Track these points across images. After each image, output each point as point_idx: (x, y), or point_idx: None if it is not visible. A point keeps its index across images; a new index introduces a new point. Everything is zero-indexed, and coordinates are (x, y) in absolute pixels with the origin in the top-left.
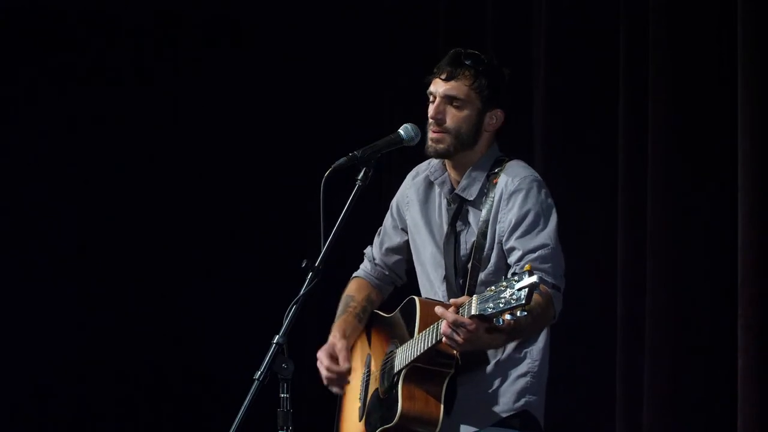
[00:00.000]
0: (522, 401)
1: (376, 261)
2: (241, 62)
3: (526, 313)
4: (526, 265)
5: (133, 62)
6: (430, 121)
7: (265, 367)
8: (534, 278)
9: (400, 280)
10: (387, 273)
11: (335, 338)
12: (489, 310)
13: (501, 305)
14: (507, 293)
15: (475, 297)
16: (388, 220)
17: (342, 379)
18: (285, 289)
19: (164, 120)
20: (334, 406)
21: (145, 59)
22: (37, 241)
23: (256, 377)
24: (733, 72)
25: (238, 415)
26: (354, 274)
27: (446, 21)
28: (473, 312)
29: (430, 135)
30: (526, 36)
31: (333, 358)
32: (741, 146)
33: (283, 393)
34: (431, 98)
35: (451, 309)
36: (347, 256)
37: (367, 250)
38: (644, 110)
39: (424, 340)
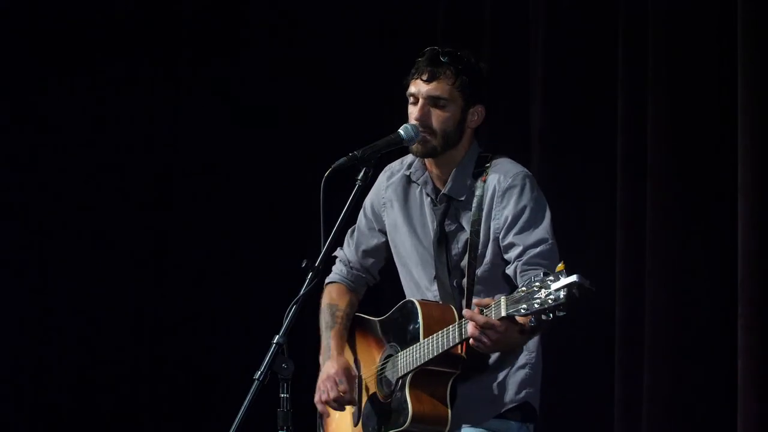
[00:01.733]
0: (523, 393)
1: (352, 264)
2: (241, 62)
3: (564, 312)
4: (560, 264)
5: (134, 62)
6: (415, 123)
7: (265, 367)
8: (573, 278)
9: (374, 280)
10: (363, 275)
11: (339, 359)
12: (522, 311)
13: (536, 306)
14: (542, 293)
15: (504, 298)
16: (362, 222)
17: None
18: (285, 289)
19: (164, 120)
20: None
21: (145, 61)
22: (38, 240)
23: (256, 377)
24: (733, 72)
25: (238, 415)
26: (328, 279)
27: (446, 21)
28: (503, 314)
29: None
30: (525, 36)
31: (350, 379)
32: (741, 146)
33: (283, 393)
34: (412, 99)
35: (476, 310)
36: None
37: (340, 253)
38: (644, 110)
39: (439, 342)
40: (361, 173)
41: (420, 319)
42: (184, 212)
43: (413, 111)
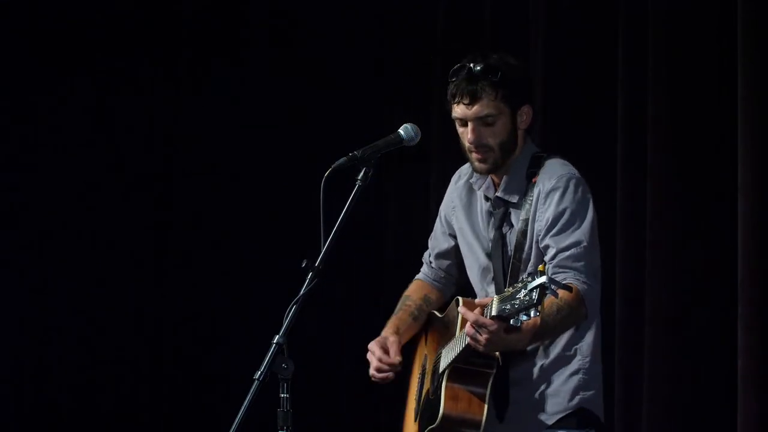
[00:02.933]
0: (576, 399)
1: (432, 264)
2: (241, 62)
3: (538, 313)
4: (540, 265)
5: (134, 62)
6: (469, 145)
7: (265, 367)
8: (543, 278)
9: (459, 279)
10: (443, 275)
11: (387, 333)
12: (506, 310)
13: (516, 306)
14: (522, 294)
15: (495, 297)
16: (437, 226)
17: (391, 371)
18: (285, 289)
19: (165, 120)
20: (335, 406)
21: (145, 61)
22: (38, 240)
23: (256, 377)
24: (733, 72)
25: (238, 415)
26: (416, 277)
27: (446, 21)
28: (493, 313)
29: (474, 156)
30: (525, 36)
31: (385, 350)
32: (741, 146)
33: (283, 393)
34: (458, 122)
35: (477, 310)
36: (348, 256)
37: (425, 254)
38: (644, 110)
39: (460, 340)
40: (361, 173)
41: (459, 317)
42: (184, 212)
43: (464, 133)
